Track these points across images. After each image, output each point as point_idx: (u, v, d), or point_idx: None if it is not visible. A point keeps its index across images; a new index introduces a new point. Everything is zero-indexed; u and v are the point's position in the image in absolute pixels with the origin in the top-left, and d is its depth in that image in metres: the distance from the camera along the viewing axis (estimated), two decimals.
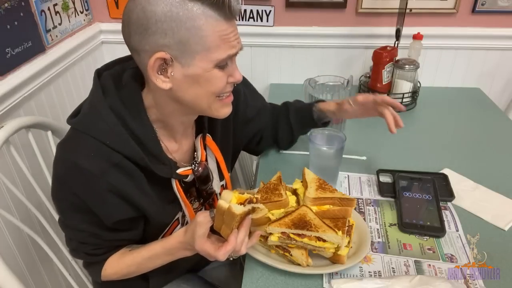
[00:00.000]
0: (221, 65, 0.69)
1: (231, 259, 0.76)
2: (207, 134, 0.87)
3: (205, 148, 0.87)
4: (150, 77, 0.68)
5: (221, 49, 0.67)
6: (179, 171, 0.81)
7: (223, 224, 0.71)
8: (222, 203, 0.69)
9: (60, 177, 0.72)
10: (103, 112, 0.71)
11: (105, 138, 0.70)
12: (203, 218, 0.71)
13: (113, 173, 0.71)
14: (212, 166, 0.89)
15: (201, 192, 0.90)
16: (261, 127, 1.07)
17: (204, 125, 0.86)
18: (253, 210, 0.72)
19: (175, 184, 0.81)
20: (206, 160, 0.88)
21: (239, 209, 0.67)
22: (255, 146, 1.11)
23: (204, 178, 0.88)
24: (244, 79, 1.00)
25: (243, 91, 0.97)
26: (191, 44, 0.65)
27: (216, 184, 0.91)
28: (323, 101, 1.08)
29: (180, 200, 0.83)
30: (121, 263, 0.82)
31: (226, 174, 0.93)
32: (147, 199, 0.77)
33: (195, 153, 0.88)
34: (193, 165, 0.85)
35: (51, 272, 1.29)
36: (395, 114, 0.94)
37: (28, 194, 1.00)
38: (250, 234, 0.76)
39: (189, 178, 0.84)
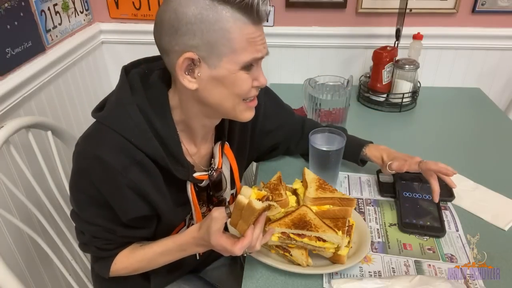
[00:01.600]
0: (247, 68, 0.70)
1: (245, 255, 0.77)
2: (226, 142, 0.87)
3: (221, 156, 0.88)
4: (178, 76, 0.69)
5: (247, 51, 0.68)
6: (195, 175, 0.81)
7: (240, 219, 0.71)
8: (242, 198, 0.69)
9: (82, 169, 0.72)
10: (130, 109, 0.71)
11: (129, 135, 0.71)
12: (219, 214, 0.71)
13: (134, 170, 0.71)
14: (226, 174, 0.90)
15: (212, 198, 0.91)
16: (279, 140, 1.07)
17: (224, 132, 0.86)
18: (269, 207, 0.72)
19: (189, 187, 0.81)
20: (221, 167, 0.89)
21: (258, 205, 0.68)
22: (264, 155, 1.12)
23: (216, 184, 0.89)
24: (270, 91, 1.01)
25: (264, 103, 0.96)
26: (219, 45, 0.66)
27: (227, 193, 0.92)
28: (371, 142, 1.07)
29: (192, 203, 0.83)
30: (131, 258, 0.82)
31: (238, 183, 0.93)
32: (163, 199, 0.77)
33: (212, 159, 0.88)
34: (209, 171, 0.86)
35: (51, 272, 1.29)
36: (445, 179, 0.92)
37: (28, 194, 1.00)
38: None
39: (204, 183, 0.85)
